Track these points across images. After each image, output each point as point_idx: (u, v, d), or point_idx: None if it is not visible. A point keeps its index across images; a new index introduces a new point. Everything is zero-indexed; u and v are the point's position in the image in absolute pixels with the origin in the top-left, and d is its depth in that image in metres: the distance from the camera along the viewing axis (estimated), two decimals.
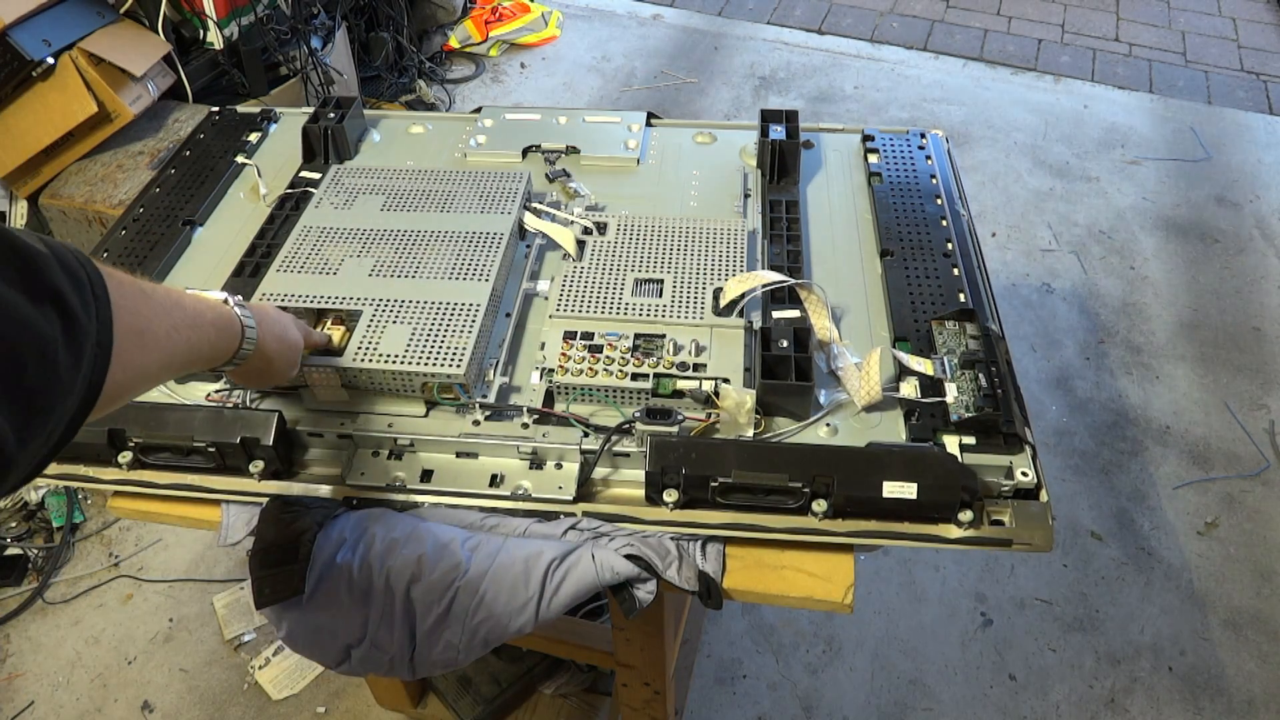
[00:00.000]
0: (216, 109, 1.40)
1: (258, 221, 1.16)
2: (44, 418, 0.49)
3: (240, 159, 1.28)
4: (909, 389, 0.93)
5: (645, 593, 0.87)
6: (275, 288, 1.00)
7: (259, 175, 1.24)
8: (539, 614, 0.86)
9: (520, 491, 0.90)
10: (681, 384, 0.90)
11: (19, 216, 2.17)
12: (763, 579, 0.88)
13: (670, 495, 0.86)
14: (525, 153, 1.30)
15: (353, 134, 1.31)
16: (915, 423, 0.90)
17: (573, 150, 1.29)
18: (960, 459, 0.86)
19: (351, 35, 2.96)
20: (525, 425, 0.92)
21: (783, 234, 1.13)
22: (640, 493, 0.88)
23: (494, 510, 0.91)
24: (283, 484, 0.93)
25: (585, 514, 0.89)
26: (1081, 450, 2.13)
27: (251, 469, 0.91)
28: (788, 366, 0.91)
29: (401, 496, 0.91)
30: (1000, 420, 0.87)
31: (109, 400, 0.56)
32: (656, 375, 0.91)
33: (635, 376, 0.91)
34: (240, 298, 0.79)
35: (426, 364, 0.91)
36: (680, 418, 0.89)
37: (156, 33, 2.19)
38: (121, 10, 2.12)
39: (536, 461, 0.91)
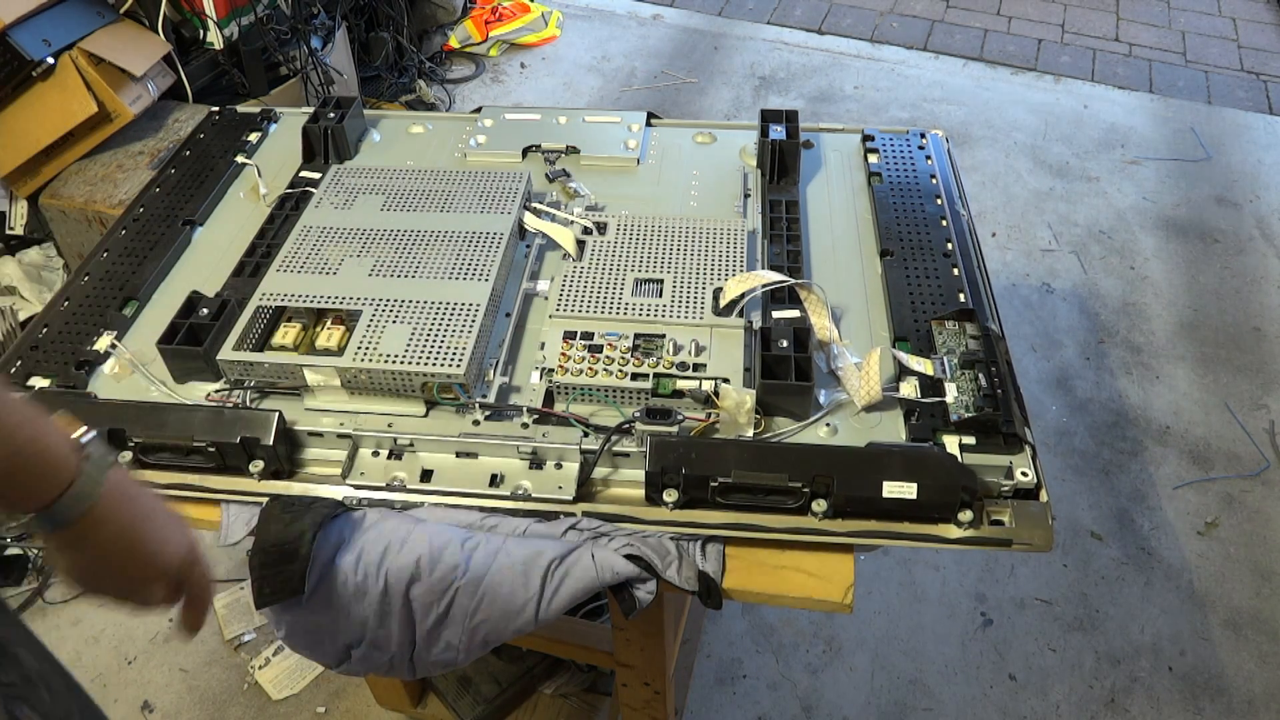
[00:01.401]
0: (216, 109, 1.40)
1: (258, 221, 1.16)
2: None
3: (240, 159, 1.28)
4: (909, 389, 0.93)
5: (645, 593, 0.87)
6: (275, 288, 1.00)
7: (259, 175, 1.25)
8: (539, 614, 0.86)
9: (520, 491, 0.90)
10: (681, 384, 0.90)
11: (19, 217, 2.17)
12: (762, 579, 0.88)
13: (670, 495, 0.86)
14: (525, 153, 1.30)
15: (353, 134, 1.31)
16: (915, 423, 0.90)
17: (573, 150, 1.29)
18: (960, 459, 0.86)
19: (351, 35, 2.96)
20: (525, 425, 0.92)
21: (783, 234, 1.13)
22: (640, 493, 0.88)
23: (494, 510, 0.91)
24: (283, 484, 0.93)
25: (585, 514, 0.89)
26: (1081, 450, 2.13)
27: (251, 469, 0.91)
28: (788, 366, 0.91)
29: (401, 496, 0.91)
30: (1000, 420, 0.87)
31: None
32: (656, 375, 0.91)
33: (635, 376, 0.91)
34: (111, 449, 0.67)
35: (426, 364, 0.91)
36: (680, 418, 0.89)
37: (156, 33, 2.19)
38: (121, 10, 2.12)
39: (536, 461, 0.91)
